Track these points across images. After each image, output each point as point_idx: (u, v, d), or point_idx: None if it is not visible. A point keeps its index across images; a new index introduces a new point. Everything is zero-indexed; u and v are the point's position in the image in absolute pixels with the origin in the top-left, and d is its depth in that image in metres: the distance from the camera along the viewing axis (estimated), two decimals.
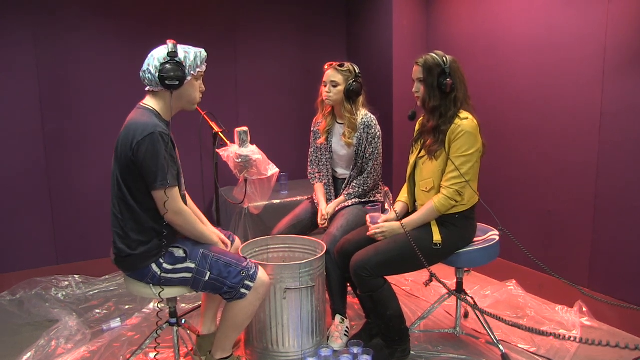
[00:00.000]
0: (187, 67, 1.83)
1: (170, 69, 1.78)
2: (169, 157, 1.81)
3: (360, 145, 2.56)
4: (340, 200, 2.62)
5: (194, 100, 1.94)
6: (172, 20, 3.37)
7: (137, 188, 1.82)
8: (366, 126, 2.55)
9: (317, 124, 2.75)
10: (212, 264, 1.90)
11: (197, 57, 1.86)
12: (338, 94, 2.55)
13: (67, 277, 3.14)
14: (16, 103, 3.02)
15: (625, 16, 2.39)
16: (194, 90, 1.91)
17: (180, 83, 1.81)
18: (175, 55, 1.80)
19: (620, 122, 2.46)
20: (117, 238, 1.88)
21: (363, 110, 2.60)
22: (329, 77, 2.55)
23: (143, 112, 1.86)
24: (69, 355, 2.34)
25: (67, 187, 3.20)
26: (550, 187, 2.83)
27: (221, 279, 1.89)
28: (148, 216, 1.86)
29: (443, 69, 2.10)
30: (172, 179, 1.81)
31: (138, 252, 1.86)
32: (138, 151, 1.75)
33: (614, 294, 2.53)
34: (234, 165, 2.38)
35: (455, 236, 2.19)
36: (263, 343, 2.22)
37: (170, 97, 1.86)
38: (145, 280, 1.91)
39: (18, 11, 2.96)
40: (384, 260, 2.10)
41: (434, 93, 2.12)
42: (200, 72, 1.89)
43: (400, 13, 3.49)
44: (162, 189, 1.79)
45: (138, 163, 1.77)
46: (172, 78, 1.79)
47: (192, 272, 1.90)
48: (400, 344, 2.22)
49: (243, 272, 1.90)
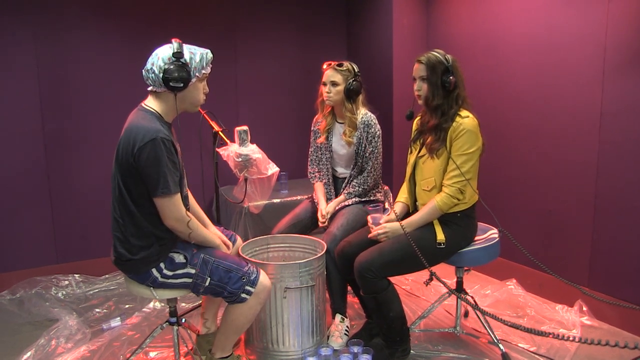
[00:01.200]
0: (192, 69, 1.78)
1: (175, 70, 1.73)
2: (171, 163, 1.77)
3: (360, 144, 2.56)
4: (341, 199, 2.62)
5: (198, 102, 1.89)
6: (172, 20, 3.38)
7: (138, 193, 1.80)
8: (366, 125, 2.55)
9: (317, 124, 2.75)
10: (213, 269, 1.88)
11: (203, 59, 1.81)
12: (338, 93, 2.54)
13: (67, 276, 3.14)
14: (16, 103, 3.02)
15: (625, 16, 2.39)
16: (198, 93, 1.86)
17: (185, 85, 1.77)
18: (181, 55, 1.75)
19: (620, 122, 2.46)
20: (117, 242, 1.86)
21: (363, 109, 2.60)
22: (329, 77, 2.55)
23: (144, 114, 1.81)
24: (69, 354, 2.34)
25: (67, 187, 3.20)
26: (550, 187, 2.84)
27: (222, 284, 1.88)
28: (148, 221, 1.83)
29: (446, 66, 2.10)
30: (173, 185, 1.77)
31: (138, 257, 1.84)
32: (139, 157, 1.72)
33: (614, 294, 2.53)
34: (234, 165, 2.38)
35: (458, 235, 2.19)
36: (263, 342, 2.22)
37: (175, 99, 1.81)
38: (146, 283, 1.90)
39: (18, 11, 2.96)
40: (389, 261, 2.10)
41: (437, 91, 2.12)
42: (205, 74, 1.85)
43: (400, 13, 3.49)
44: (164, 197, 1.76)
45: (139, 169, 1.74)
46: (177, 80, 1.74)
47: (192, 277, 1.89)
48: (401, 344, 2.22)
49: (244, 278, 1.89)
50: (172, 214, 1.80)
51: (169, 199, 1.77)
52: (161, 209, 1.79)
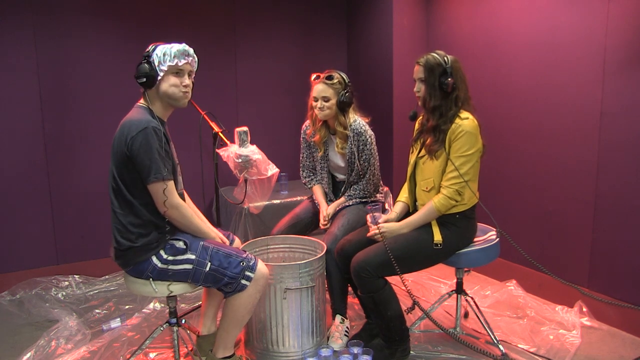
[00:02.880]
0: (157, 64, 1.86)
1: (141, 68, 1.85)
2: (163, 151, 1.84)
3: (352, 154, 2.52)
4: (341, 201, 2.62)
5: (173, 95, 1.92)
6: (173, 21, 3.37)
7: (134, 183, 1.86)
8: (356, 134, 2.49)
9: (306, 129, 2.67)
10: (213, 254, 1.92)
11: (167, 53, 1.87)
12: (331, 107, 2.47)
13: (67, 277, 3.15)
14: (17, 103, 3.02)
15: (625, 16, 2.39)
16: (169, 86, 1.90)
17: (149, 80, 1.85)
18: (149, 55, 1.87)
19: (620, 122, 2.46)
20: (116, 232, 1.91)
21: (353, 117, 2.53)
22: (320, 93, 2.47)
23: (138, 110, 1.92)
24: (69, 355, 2.34)
25: (67, 187, 3.20)
26: (550, 187, 2.83)
27: (222, 269, 1.91)
28: (146, 209, 1.89)
29: (444, 68, 2.10)
30: (167, 172, 1.84)
31: (138, 244, 1.88)
32: (132, 146, 1.80)
33: (614, 294, 2.53)
34: (234, 165, 2.38)
35: (456, 236, 2.18)
36: (263, 343, 2.22)
37: (146, 95, 1.92)
38: (145, 274, 1.92)
39: (19, 11, 2.96)
40: (385, 261, 2.10)
41: (435, 93, 2.12)
42: (172, 66, 1.88)
43: (400, 13, 3.49)
44: (157, 182, 1.82)
45: (133, 158, 1.81)
46: (141, 76, 1.85)
47: (192, 263, 1.92)
48: (401, 344, 2.22)
49: (243, 263, 1.92)
50: (166, 199, 1.85)
51: (162, 185, 1.83)
52: (155, 195, 1.85)
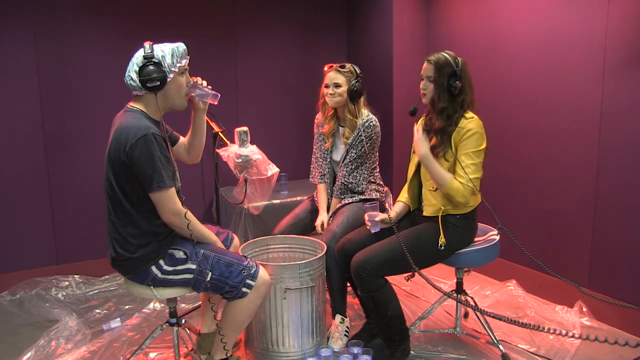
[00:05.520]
0: (167, 65, 1.81)
1: (150, 71, 1.78)
2: (164, 157, 1.79)
3: (354, 144, 2.53)
4: (334, 204, 2.62)
5: (182, 97, 1.90)
6: (173, 21, 3.37)
7: (133, 192, 1.81)
8: (366, 127, 2.52)
9: (320, 127, 2.70)
10: (214, 264, 1.90)
11: (175, 53, 1.83)
12: (341, 95, 2.52)
13: (67, 277, 3.14)
14: (17, 103, 3.02)
15: (625, 16, 2.39)
16: (180, 87, 1.88)
17: (162, 83, 1.80)
18: (152, 56, 1.79)
19: (620, 122, 2.46)
20: (115, 243, 1.87)
21: (365, 111, 2.57)
22: (332, 80, 2.52)
23: (133, 114, 1.84)
24: (69, 355, 2.34)
25: (67, 187, 3.20)
26: (550, 187, 2.83)
27: (223, 279, 1.89)
28: (145, 219, 1.84)
29: (454, 70, 2.09)
30: (168, 179, 1.79)
31: (137, 255, 1.85)
32: (132, 155, 1.73)
33: (614, 294, 2.53)
34: (234, 165, 2.38)
35: (456, 237, 2.18)
36: (263, 343, 2.22)
37: (155, 99, 1.84)
38: (146, 282, 1.90)
39: (19, 11, 2.96)
40: (384, 261, 2.10)
41: (443, 94, 2.10)
42: (182, 67, 1.87)
43: (400, 13, 3.49)
44: (160, 191, 1.78)
45: (133, 166, 1.75)
46: (153, 79, 1.78)
47: (193, 272, 1.89)
48: (400, 344, 2.22)
49: (244, 271, 1.90)
50: (168, 207, 1.81)
51: (165, 193, 1.79)
52: (158, 203, 1.81)
